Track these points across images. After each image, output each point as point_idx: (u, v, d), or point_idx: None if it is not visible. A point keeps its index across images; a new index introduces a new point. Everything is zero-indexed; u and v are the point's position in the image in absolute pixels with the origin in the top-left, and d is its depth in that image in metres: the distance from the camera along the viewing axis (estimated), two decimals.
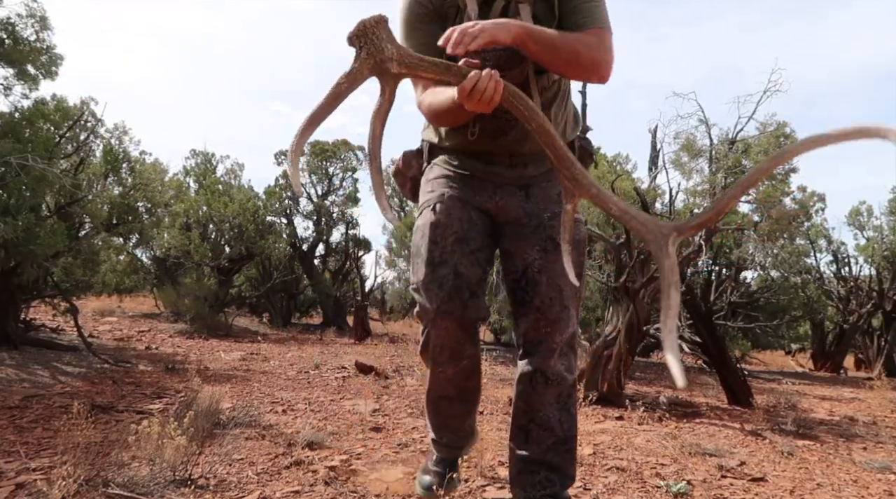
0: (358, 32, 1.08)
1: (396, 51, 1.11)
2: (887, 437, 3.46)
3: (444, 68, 1.15)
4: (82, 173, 5.22)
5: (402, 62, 1.11)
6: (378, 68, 1.10)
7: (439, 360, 1.51)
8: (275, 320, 9.79)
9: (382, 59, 1.09)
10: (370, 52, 1.08)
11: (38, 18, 4.33)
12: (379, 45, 1.09)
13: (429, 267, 1.46)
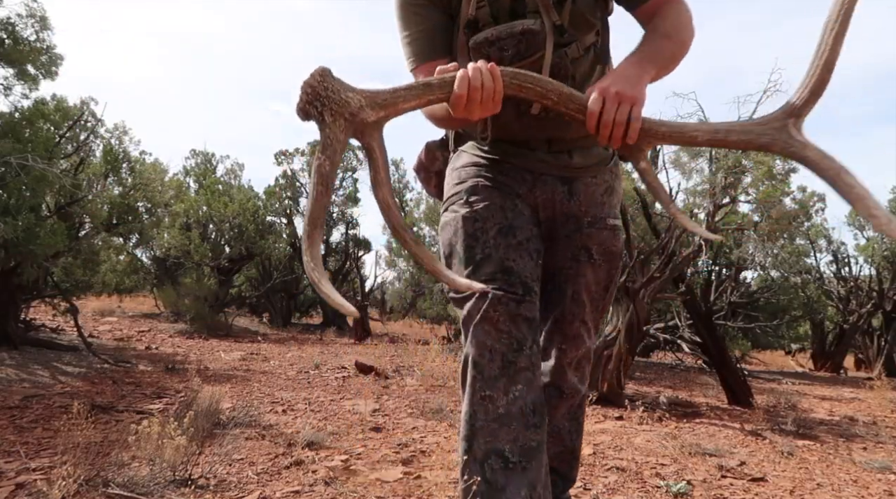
0: (308, 98, 0.91)
1: (361, 96, 0.94)
2: (887, 437, 3.46)
3: (425, 88, 0.99)
4: (82, 173, 5.22)
5: (374, 105, 0.95)
6: (352, 125, 0.93)
7: (488, 382, 1.19)
8: (275, 320, 9.79)
9: (351, 112, 0.93)
10: (335, 112, 0.92)
11: (38, 18, 4.33)
12: (339, 100, 0.92)
13: (470, 266, 1.26)
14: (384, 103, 0.96)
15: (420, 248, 0.96)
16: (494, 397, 1.19)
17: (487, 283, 1.22)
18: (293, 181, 10.49)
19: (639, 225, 5.38)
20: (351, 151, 10.99)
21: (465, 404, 1.24)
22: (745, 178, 5.27)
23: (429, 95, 0.99)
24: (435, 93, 0.99)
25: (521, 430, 1.19)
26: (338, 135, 0.92)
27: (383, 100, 0.96)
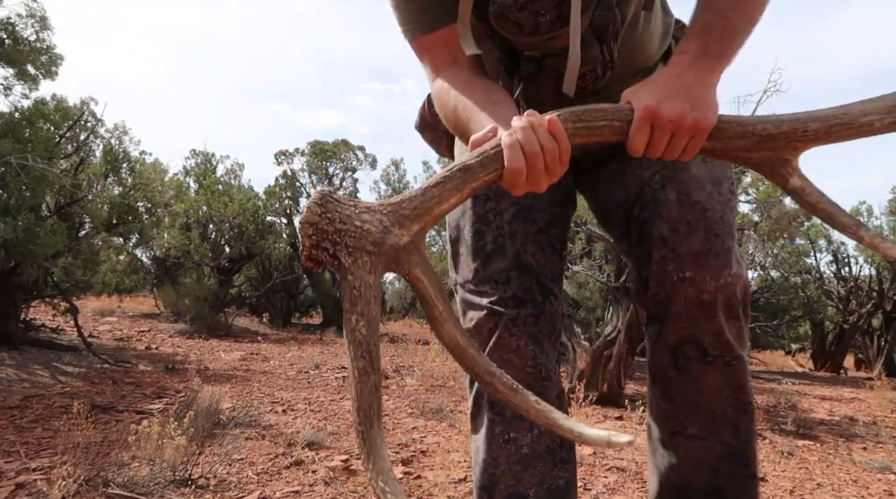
0: (313, 241, 0.66)
1: (380, 214, 0.68)
2: (887, 437, 3.46)
3: (464, 175, 0.72)
4: (82, 173, 5.22)
5: (402, 219, 0.69)
6: (380, 258, 0.68)
7: (511, 424, 1.01)
8: (275, 320, 9.79)
9: (374, 241, 0.67)
10: (353, 249, 0.66)
11: (38, 18, 4.33)
12: (353, 230, 0.67)
13: (479, 259, 1.04)
14: (414, 213, 0.70)
15: (521, 395, 0.66)
16: (518, 439, 1.01)
17: (499, 284, 1.02)
18: (293, 181, 10.48)
19: None
20: (351, 152, 10.99)
21: (481, 447, 1.04)
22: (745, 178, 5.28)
23: (472, 182, 0.72)
24: (479, 176, 0.73)
25: (548, 469, 1.01)
26: (365, 278, 0.66)
27: (412, 209, 0.70)
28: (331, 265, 0.68)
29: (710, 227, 0.95)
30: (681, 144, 0.76)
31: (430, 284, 0.70)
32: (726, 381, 0.97)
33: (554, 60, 0.95)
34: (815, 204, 0.74)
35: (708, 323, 0.95)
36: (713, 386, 0.97)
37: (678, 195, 0.97)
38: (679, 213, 0.96)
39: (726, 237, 0.96)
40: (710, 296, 0.94)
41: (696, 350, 0.97)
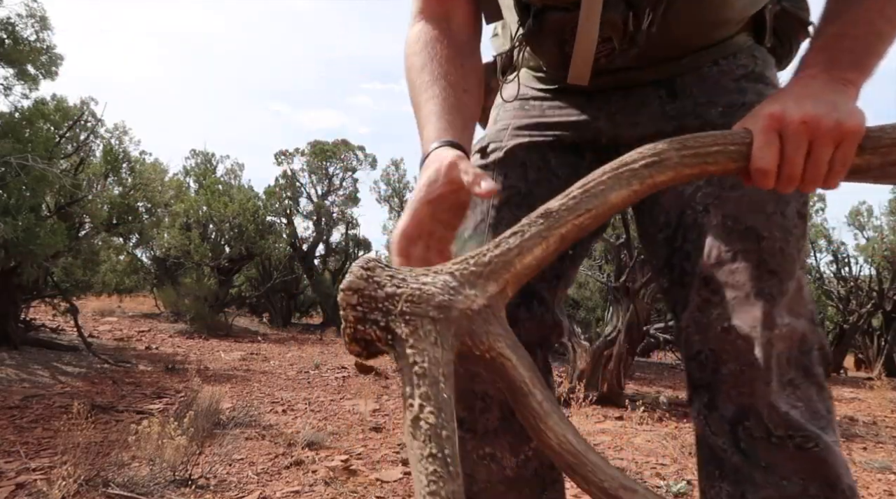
0: (359, 314, 0.52)
1: (443, 274, 0.53)
2: (887, 437, 3.46)
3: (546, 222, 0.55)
4: (82, 173, 5.22)
5: (473, 279, 0.53)
6: (448, 327, 0.51)
7: (485, 438, 0.88)
8: (275, 320, 9.79)
9: (439, 305, 0.50)
10: (411, 317, 0.50)
11: (38, 18, 4.34)
12: (411, 292, 0.51)
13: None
14: (489, 270, 0.53)
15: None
16: (499, 456, 0.87)
17: None
18: (293, 181, 10.49)
19: None
20: (351, 152, 10.98)
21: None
22: None
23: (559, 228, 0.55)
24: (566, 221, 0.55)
25: (536, 495, 0.89)
26: (430, 352, 0.49)
27: (485, 265, 0.53)
28: (383, 344, 0.51)
29: (764, 261, 0.73)
30: (824, 156, 0.58)
31: (520, 363, 0.51)
32: (805, 472, 0.69)
33: (556, 16, 0.78)
34: None
35: (761, 391, 0.70)
36: (791, 477, 0.69)
37: (724, 220, 0.76)
38: (725, 242, 0.74)
39: (785, 277, 0.73)
40: (762, 353, 0.70)
41: (759, 427, 0.70)
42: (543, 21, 0.79)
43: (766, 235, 0.74)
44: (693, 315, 0.76)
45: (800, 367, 0.72)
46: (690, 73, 0.85)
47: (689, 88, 0.84)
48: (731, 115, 0.79)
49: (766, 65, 0.88)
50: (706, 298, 0.75)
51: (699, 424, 0.78)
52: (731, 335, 0.72)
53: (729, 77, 0.84)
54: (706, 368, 0.75)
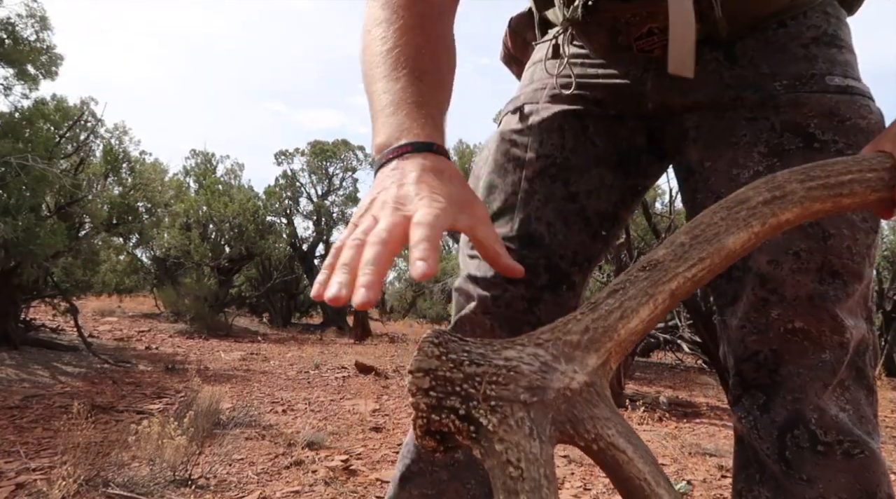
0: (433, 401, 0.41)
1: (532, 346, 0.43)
2: (887, 437, 3.46)
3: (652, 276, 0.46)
4: (82, 173, 5.22)
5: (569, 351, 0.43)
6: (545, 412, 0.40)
7: None
8: (275, 320, 9.79)
9: (532, 386, 0.41)
10: (500, 401, 0.40)
11: (38, 18, 4.34)
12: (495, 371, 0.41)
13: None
14: (588, 339, 0.43)
15: None
16: None
17: None
18: (293, 181, 10.50)
19: (639, 225, 5.38)
20: (351, 152, 10.99)
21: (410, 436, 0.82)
22: None
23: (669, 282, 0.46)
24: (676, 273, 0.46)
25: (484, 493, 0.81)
26: (524, 447, 0.39)
27: (582, 332, 0.43)
28: (465, 437, 0.41)
29: (828, 261, 0.68)
30: None
31: (636, 456, 0.40)
32: (847, 485, 0.66)
33: (612, 6, 0.69)
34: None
35: (815, 394, 0.68)
36: (830, 494, 0.66)
37: None
38: (787, 239, 0.68)
39: (850, 278, 0.69)
40: (827, 356, 0.68)
41: (806, 435, 0.67)
42: (596, 11, 0.70)
43: (832, 231, 0.68)
44: (749, 315, 0.71)
45: (853, 368, 0.70)
46: (753, 37, 0.74)
47: (751, 54, 0.73)
48: (798, 89, 0.70)
49: (840, 23, 0.77)
50: (763, 298, 0.70)
51: (745, 425, 0.74)
52: (796, 337, 0.69)
53: (797, 42, 0.73)
54: (763, 368, 0.71)
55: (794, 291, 0.68)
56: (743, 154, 0.72)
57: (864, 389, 0.70)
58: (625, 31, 0.71)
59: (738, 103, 0.70)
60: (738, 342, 0.73)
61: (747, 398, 0.74)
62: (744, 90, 0.71)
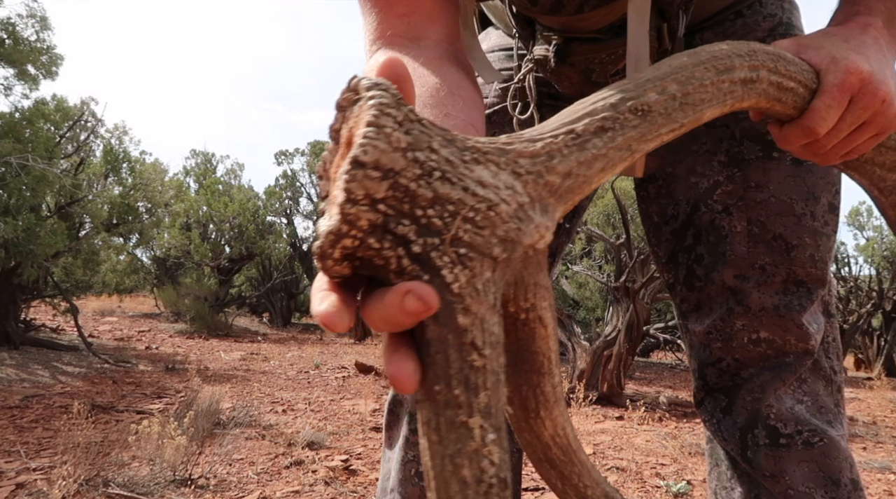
0: (390, 203, 0.28)
1: (508, 173, 0.31)
2: (887, 437, 3.46)
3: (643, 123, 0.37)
4: (82, 173, 5.22)
5: (546, 195, 0.33)
6: (503, 276, 0.31)
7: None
8: (275, 320, 9.79)
9: (507, 239, 0.30)
10: (473, 251, 0.29)
11: (39, 18, 4.34)
12: (474, 203, 0.29)
13: None
14: (566, 186, 0.34)
15: None
16: None
17: None
18: (293, 181, 10.50)
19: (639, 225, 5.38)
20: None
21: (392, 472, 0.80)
22: None
23: (653, 138, 0.38)
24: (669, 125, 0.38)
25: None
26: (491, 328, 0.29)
27: (565, 176, 0.34)
28: (400, 278, 0.29)
29: (793, 272, 0.69)
30: (867, 137, 0.51)
31: (553, 334, 0.36)
32: (811, 475, 0.67)
33: (584, 48, 0.68)
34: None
35: (774, 392, 0.70)
36: (798, 485, 0.67)
37: (749, 226, 0.70)
38: (752, 254, 0.69)
39: (815, 285, 0.70)
40: (788, 359, 0.70)
41: (765, 432, 0.70)
42: (568, 53, 0.69)
43: (795, 242, 0.69)
44: (716, 323, 0.73)
45: (820, 366, 0.72)
46: (711, 29, 0.74)
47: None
48: None
49: (792, 6, 0.77)
50: (729, 308, 0.72)
51: (711, 427, 0.77)
52: (759, 347, 0.71)
53: (754, 34, 0.73)
54: (726, 374, 0.74)
55: (760, 303, 0.70)
56: (702, 162, 0.73)
57: (821, 380, 0.72)
58: (599, 70, 0.70)
59: None
60: (703, 348, 0.75)
61: (710, 401, 0.76)
62: None
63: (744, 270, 0.71)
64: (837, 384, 0.73)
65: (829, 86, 0.47)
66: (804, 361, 0.70)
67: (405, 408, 0.79)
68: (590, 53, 0.68)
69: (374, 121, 0.27)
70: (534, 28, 0.70)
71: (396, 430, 0.80)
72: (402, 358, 0.28)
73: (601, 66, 0.69)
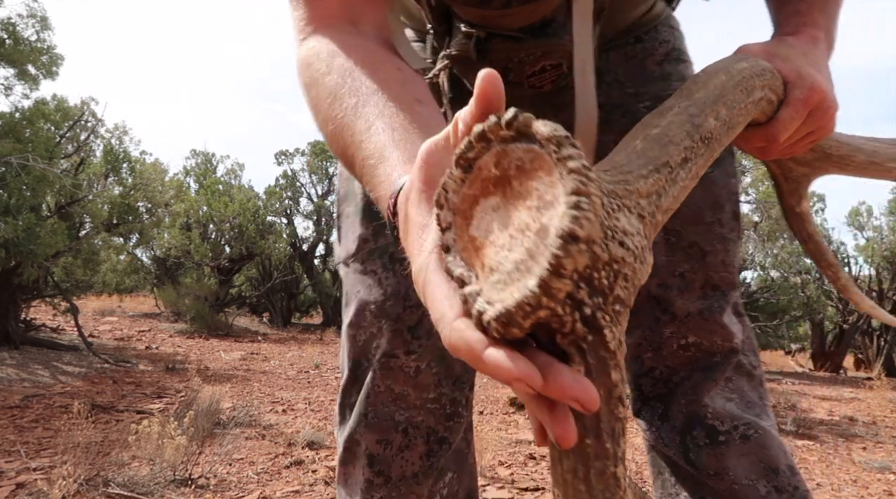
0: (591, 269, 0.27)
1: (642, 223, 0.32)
2: (887, 437, 3.46)
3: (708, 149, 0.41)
4: (82, 173, 5.22)
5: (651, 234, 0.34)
6: None
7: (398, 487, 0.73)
8: (275, 320, 9.79)
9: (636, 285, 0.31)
10: (621, 303, 0.29)
11: (39, 18, 4.34)
12: (635, 267, 0.29)
13: (370, 225, 0.73)
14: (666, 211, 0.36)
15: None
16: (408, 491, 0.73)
17: (396, 263, 0.71)
18: (293, 181, 10.49)
19: None
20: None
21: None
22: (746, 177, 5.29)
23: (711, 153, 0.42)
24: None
25: None
26: (621, 366, 0.30)
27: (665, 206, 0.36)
28: (568, 343, 0.28)
29: (709, 277, 0.73)
30: (805, 144, 0.57)
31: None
32: (751, 467, 0.70)
33: (504, 45, 0.67)
34: (812, 234, 0.67)
35: (706, 393, 0.73)
36: (741, 479, 0.69)
37: (666, 235, 0.72)
38: (669, 261, 0.72)
39: (728, 288, 0.74)
40: (717, 360, 0.73)
41: (704, 433, 0.72)
42: (489, 51, 0.67)
43: (708, 249, 0.73)
44: (645, 334, 0.75)
45: (737, 364, 0.75)
46: (615, 50, 0.75)
47: (614, 69, 0.75)
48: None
49: (680, 34, 0.82)
50: (657, 318, 0.74)
51: (651, 435, 0.78)
52: (689, 351, 0.74)
53: (652, 59, 0.77)
54: (660, 382, 0.76)
55: (685, 309, 0.73)
56: None
57: (744, 376, 0.75)
58: (517, 69, 0.69)
59: (608, 128, 0.68)
60: (635, 360, 0.77)
61: (647, 410, 0.77)
62: (612, 113, 0.72)
63: (665, 278, 0.73)
64: (759, 378, 0.76)
65: (794, 100, 0.52)
66: (731, 359, 0.73)
67: (363, 447, 0.73)
68: (510, 52, 0.68)
69: (584, 190, 0.26)
70: (450, 24, 0.69)
71: (353, 471, 0.76)
72: (565, 416, 0.28)
73: (519, 65, 0.69)
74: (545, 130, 0.28)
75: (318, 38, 0.56)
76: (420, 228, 0.35)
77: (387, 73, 0.51)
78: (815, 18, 0.60)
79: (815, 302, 8.72)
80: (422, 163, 0.36)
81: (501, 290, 0.27)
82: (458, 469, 0.76)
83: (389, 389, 0.71)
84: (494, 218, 0.29)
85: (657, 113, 0.40)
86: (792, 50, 0.55)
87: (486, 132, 0.29)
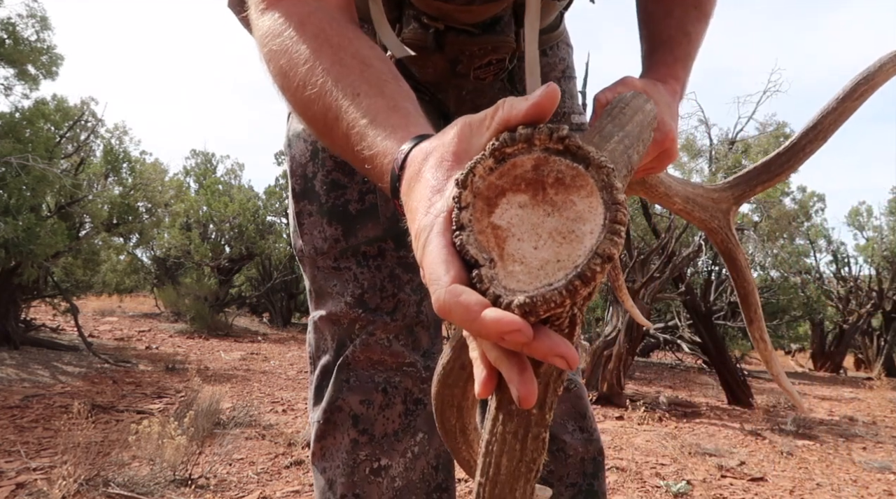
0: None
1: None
2: (887, 437, 3.46)
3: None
4: (82, 173, 5.22)
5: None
6: None
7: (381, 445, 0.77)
8: (275, 320, 9.79)
9: None
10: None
11: (39, 18, 4.34)
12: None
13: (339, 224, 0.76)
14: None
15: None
16: (390, 466, 0.76)
17: (370, 259, 0.76)
18: None
19: (638, 225, 5.38)
20: None
21: (337, 478, 0.77)
22: None
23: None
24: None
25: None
26: None
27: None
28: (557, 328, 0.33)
29: None
30: (653, 169, 0.65)
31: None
32: (569, 408, 0.91)
33: (459, 39, 0.70)
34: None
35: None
36: (560, 416, 0.90)
37: None
38: None
39: None
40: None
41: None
42: (444, 42, 0.71)
43: None
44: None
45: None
46: (523, 63, 0.76)
47: (523, 79, 0.75)
48: (566, 118, 0.84)
49: (571, 50, 0.90)
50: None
51: None
52: None
53: (553, 73, 0.84)
54: None
55: None
56: None
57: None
58: (465, 62, 0.74)
59: None
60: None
61: None
62: None
63: None
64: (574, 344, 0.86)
65: (654, 141, 0.57)
66: None
67: (346, 412, 0.77)
68: (464, 45, 0.72)
69: (624, 221, 0.31)
70: (401, 12, 0.71)
71: (335, 437, 0.78)
72: (532, 379, 0.32)
73: (468, 58, 0.73)
74: (600, 158, 0.32)
75: (283, 8, 0.54)
76: (432, 191, 0.37)
77: (366, 46, 0.52)
78: (678, 72, 0.68)
79: (815, 302, 8.71)
80: (456, 137, 0.39)
81: (521, 281, 0.31)
82: (429, 430, 0.80)
83: (368, 358, 0.77)
84: (520, 214, 0.32)
85: (600, 136, 0.44)
86: (661, 97, 0.62)
87: (534, 137, 0.33)
